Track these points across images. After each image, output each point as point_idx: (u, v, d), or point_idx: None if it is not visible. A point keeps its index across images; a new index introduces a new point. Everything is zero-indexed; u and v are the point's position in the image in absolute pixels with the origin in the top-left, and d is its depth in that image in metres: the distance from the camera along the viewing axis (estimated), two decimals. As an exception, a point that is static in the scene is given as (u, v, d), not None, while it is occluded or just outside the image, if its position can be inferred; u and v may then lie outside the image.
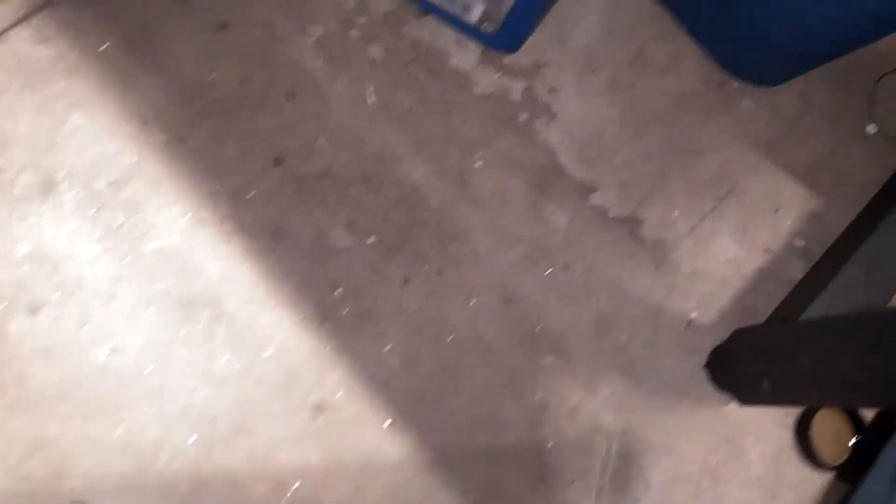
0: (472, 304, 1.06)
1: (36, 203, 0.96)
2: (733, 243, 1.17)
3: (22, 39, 0.99)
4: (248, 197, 1.02)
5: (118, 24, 1.01)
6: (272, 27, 1.07)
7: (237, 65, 1.05)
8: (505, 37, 1.07)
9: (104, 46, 1.01)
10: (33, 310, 0.94)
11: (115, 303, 0.96)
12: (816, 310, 1.06)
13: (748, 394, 1.08)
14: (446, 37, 1.13)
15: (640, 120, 1.18)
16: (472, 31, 1.08)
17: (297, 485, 0.95)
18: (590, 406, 1.07)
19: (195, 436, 0.94)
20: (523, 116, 1.13)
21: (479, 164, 1.10)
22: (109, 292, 0.96)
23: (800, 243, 1.19)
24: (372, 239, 1.05)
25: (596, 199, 1.14)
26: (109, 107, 1.00)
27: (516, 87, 1.14)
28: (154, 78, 1.02)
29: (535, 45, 1.16)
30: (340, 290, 1.03)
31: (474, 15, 1.02)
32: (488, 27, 1.04)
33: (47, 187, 0.97)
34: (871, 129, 1.24)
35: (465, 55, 1.13)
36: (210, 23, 1.05)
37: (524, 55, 1.15)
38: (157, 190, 0.99)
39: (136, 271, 0.97)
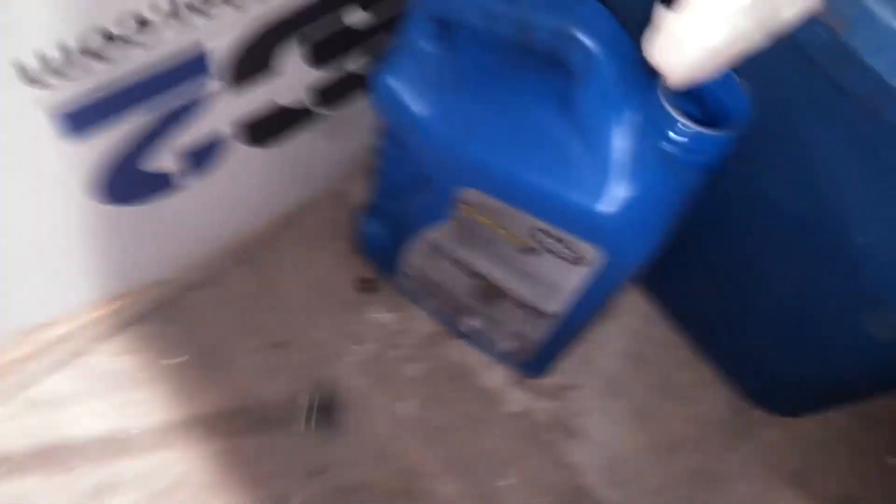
0: None
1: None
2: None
3: (103, 352, 1.25)
4: (286, 508, 1.19)
5: (191, 342, 1.28)
6: (324, 346, 1.32)
7: (287, 382, 1.28)
8: (532, 367, 1.30)
9: (174, 361, 1.26)
10: None
11: None
12: None
13: None
14: (477, 358, 1.36)
15: (666, 446, 1.35)
16: (500, 358, 1.32)
17: None
18: None
19: None
20: (550, 437, 1.32)
21: (505, 483, 1.27)
22: None
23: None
24: (400, 556, 1.19)
25: (621, 522, 1.28)
26: (170, 416, 1.22)
27: (543, 408, 1.34)
28: (211, 392, 1.26)
29: (562, 368, 1.37)
30: None
31: (502, 349, 1.26)
32: (516, 358, 1.27)
33: (101, 490, 1.16)
34: (893, 461, 1.38)
35: (493, 375, 1.35)
36: (268, 341, 1.31)
37: (551, 377, 1.37)
38: (206, 499, 1.17)
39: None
